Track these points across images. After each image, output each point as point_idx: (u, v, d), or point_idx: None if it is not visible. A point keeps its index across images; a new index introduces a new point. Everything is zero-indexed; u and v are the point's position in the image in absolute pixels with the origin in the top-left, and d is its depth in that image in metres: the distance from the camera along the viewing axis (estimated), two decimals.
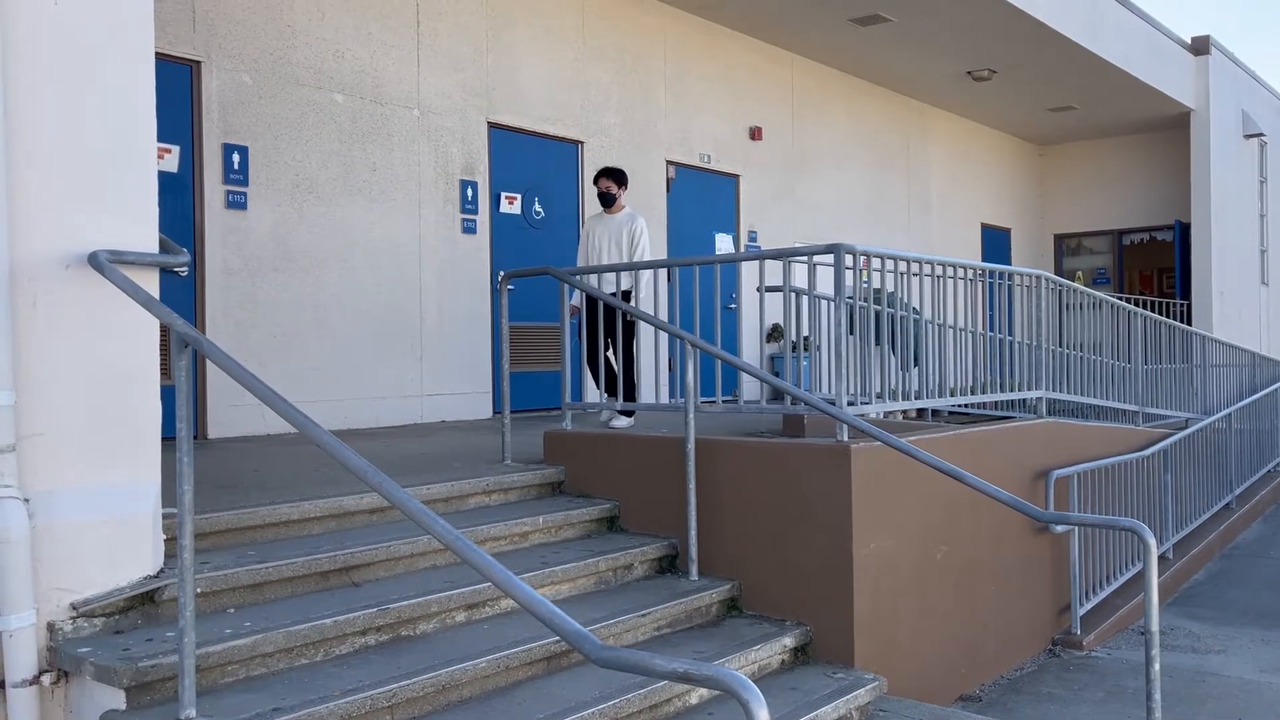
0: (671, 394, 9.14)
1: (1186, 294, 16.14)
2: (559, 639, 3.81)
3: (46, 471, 3.39)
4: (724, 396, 10.67)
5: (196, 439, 7.05)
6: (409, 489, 4.68)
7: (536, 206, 9.56)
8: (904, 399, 5.54)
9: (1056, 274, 17.18)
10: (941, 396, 5.87)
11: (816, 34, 11.91)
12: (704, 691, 4.00)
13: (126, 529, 3.53)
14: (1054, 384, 7.12)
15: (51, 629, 3.34)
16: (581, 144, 10.00)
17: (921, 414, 7.98)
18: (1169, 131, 17.01)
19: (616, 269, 5.84)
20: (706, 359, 9.64)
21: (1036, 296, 6.78)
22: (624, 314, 6.80)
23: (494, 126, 9.16)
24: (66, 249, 3.44)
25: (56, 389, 3.42)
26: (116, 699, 3.14)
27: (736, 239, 11.83)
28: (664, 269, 5.74)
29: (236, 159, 7.36)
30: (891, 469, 4.90)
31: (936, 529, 5.25)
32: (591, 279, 6.87)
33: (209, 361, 5.11)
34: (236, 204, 7.36)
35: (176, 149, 7.13)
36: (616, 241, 7.28)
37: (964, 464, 5.11)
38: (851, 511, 4.64)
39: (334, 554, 4.04)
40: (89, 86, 3.52)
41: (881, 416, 6.62)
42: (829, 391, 5.24)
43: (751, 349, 11.43)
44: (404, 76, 8.45)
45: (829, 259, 5.02)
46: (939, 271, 5.77)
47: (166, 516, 3.70)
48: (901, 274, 5.45)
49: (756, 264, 10.02)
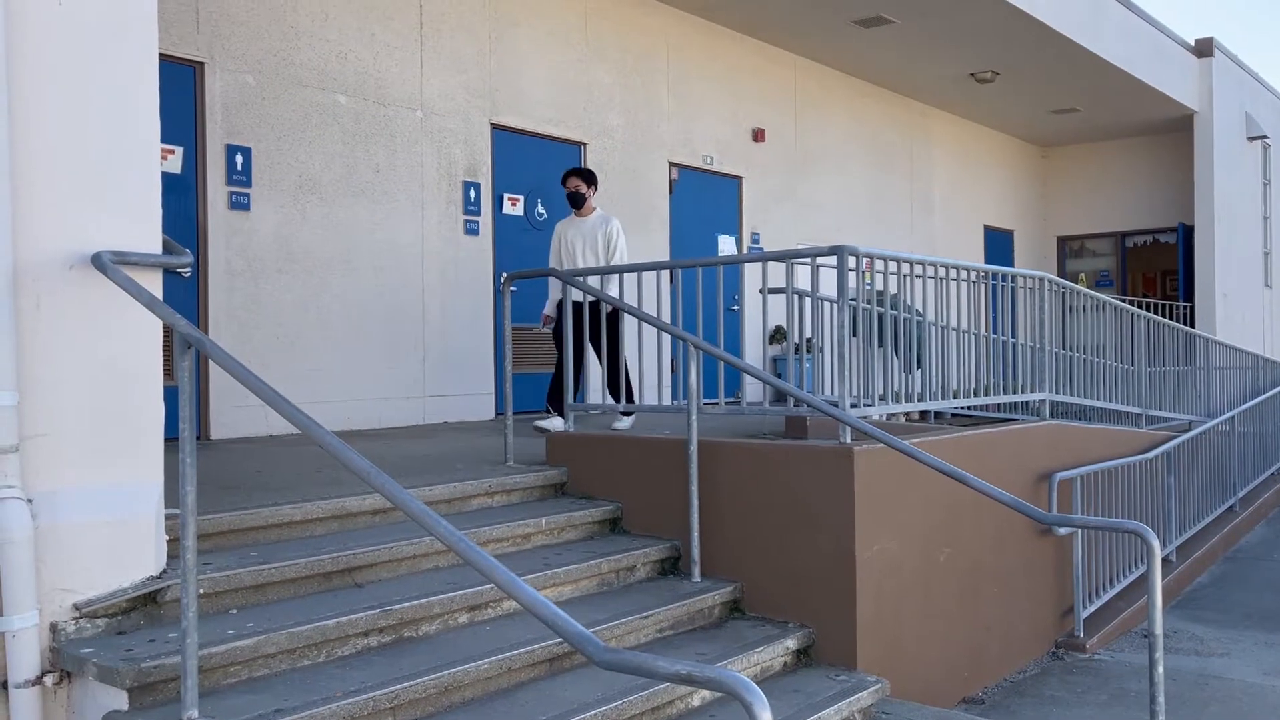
0: (674, 395, 9.14)
1: (1189, 296, 16.12)
2: (561, 640, 3.81)
3: (49, 472, 3.39)
4: (727, 398, 10.67)
5: (199, 440, 7.05)
6: (412, 490, 4.68)
7: (539, 208, 9.56)
8: (906, 401, 5.53)
9: (1059, 276, 17.17)
10: (944, 398, 5.86)
11: (819, 35, 11.91)
12: (706, 693, 4.00)
13: (129, 530, 3.53)
14: (1057, 386, 7.11)
15: (54, 629, 3.34)
16: (584, 145, 10.00)
17: (924, 416, 7.98)
18: (1172, 134, 17.00)
19: (620, 270, 5.83)
20: (709, 361, 9.64)
21: (1039, 298, 6.78)
22: (606, 317, 6.73)
23: (497, 128, 9.16)
24: (70, 249, 3.44)
25: (59, 390, 3.42)
26: (119, 700, 3.14)
27: (739, 240, 11.83)
28: (666, 270, 5.74)
29: (240, 160, 7.36)
30: (894, 471, 4.89)
31: (939, 531, 5.24)
32: (593, 281, 6.88)
33: (212, 362, 5.12)
34: (240, 205, 7.36)
35: (180, 150, 7.13)
36: (592, 245, 7.12)
37: (967, 466, 5.11)
38: (854, 513, 4.63)
39: (337, 555, 4.04)
40: (93, 87, 3.52)
41: (884, 418, 6.62)
42: (831, 393, 5.24)
43: (754, 351, 11.43)
44: (407, 78, 8.45)
45: (832, 261, 5.01)
46: (942, 273, 5.77)
47: (169, 517, 3.70)
48: (904, 276, 5.45)
49: (759, 266, 10.05)
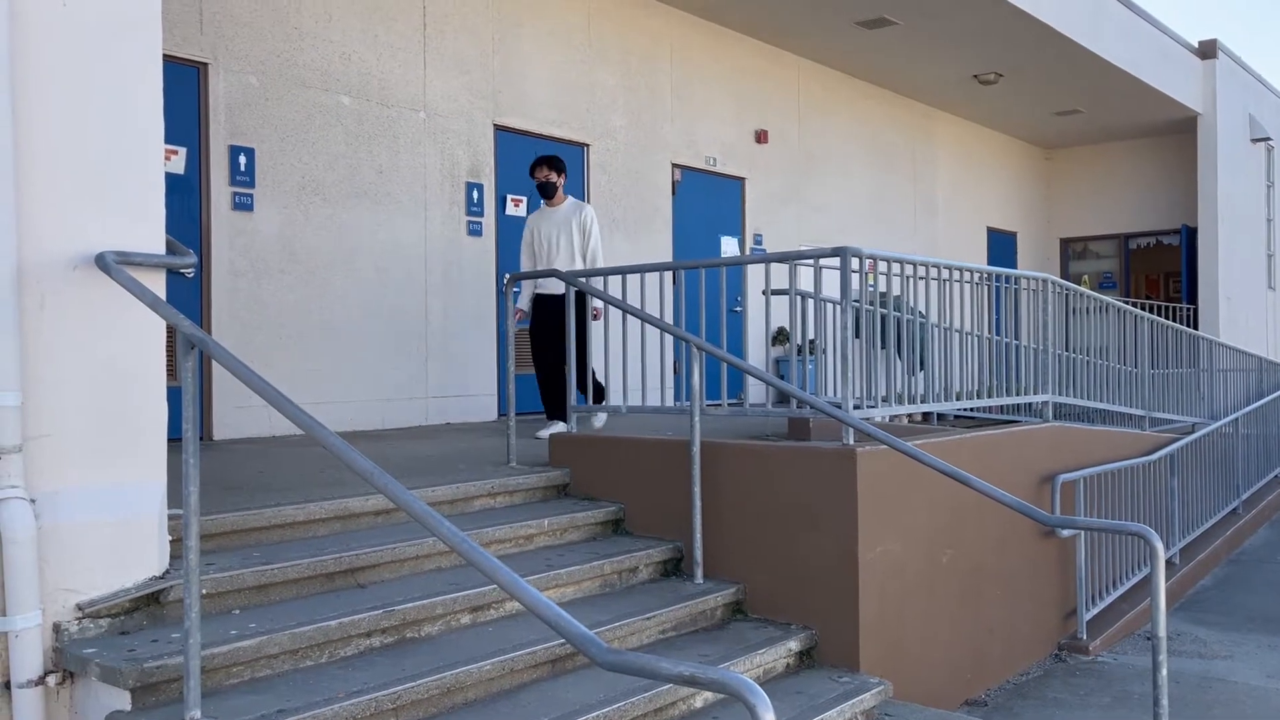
0: (677, 397, 9.13)
1: (1193, 298, 16.10)
2: (564, 641, 3.80)
3: (53, 472, 3.39)
4: (729, 400, 10.67)
5: (202, 440, 7.06)
6: (414, 491, 4.68)
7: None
8: (909, 403, 5.53)
9: (1062, 278, 17.15)
10: (947, 400, 5.85)
11: (822, 37, 11.91)
12: (709, 695, 3.99)
13: (132, 530, 3.53)
14: (1060, 388, 7.11)
15: (57, 630, 3.34)
16: (587, 146, 10.01)
17: (927, 418, 7.97)
18: (1176, 136, 16.98)
19: (624, 271, 5.82)
20: (712, 362, 9.64)
21: (1042, 300, 6.77)
22: (577, 317, 6.61)
23: (500, 129, 9.17)
24: (74, 250, 3.44)
25: (63, 390, 3.42)
26: (122, 700, 3.14)
27: (742, 242, 11.83)
28: (669, 271, 5.74)
29: (243, 161, 7.37)
30: (897, 473, 4.89)
31: (942, 533, 5.23)
32: (596, 281, 6.87)
33: (215, 363, 5.12)
34: (243, 206, 7.37)
35: (183, 150, 7.14)
36: (567, 235, 6.95)
37: (970, 468, 5.10)
38: (857, 515, 4.63)
39: (339, 555, 4.04)
40: (97, 87, 3.52)
41: (887, 420, 6.60)
42: (834, 395, 5.24)
43: (757, 352, 11.42)
44: (410, 79, 8.46)
45: (835, 262, 5.01)
46: (945, 275, 5.76)
47: (172, 517, 3.70)
48: (907, 277, 5.45)
49: (762, 267, 10.05)
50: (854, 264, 4.95)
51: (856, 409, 5.00)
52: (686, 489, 5.11)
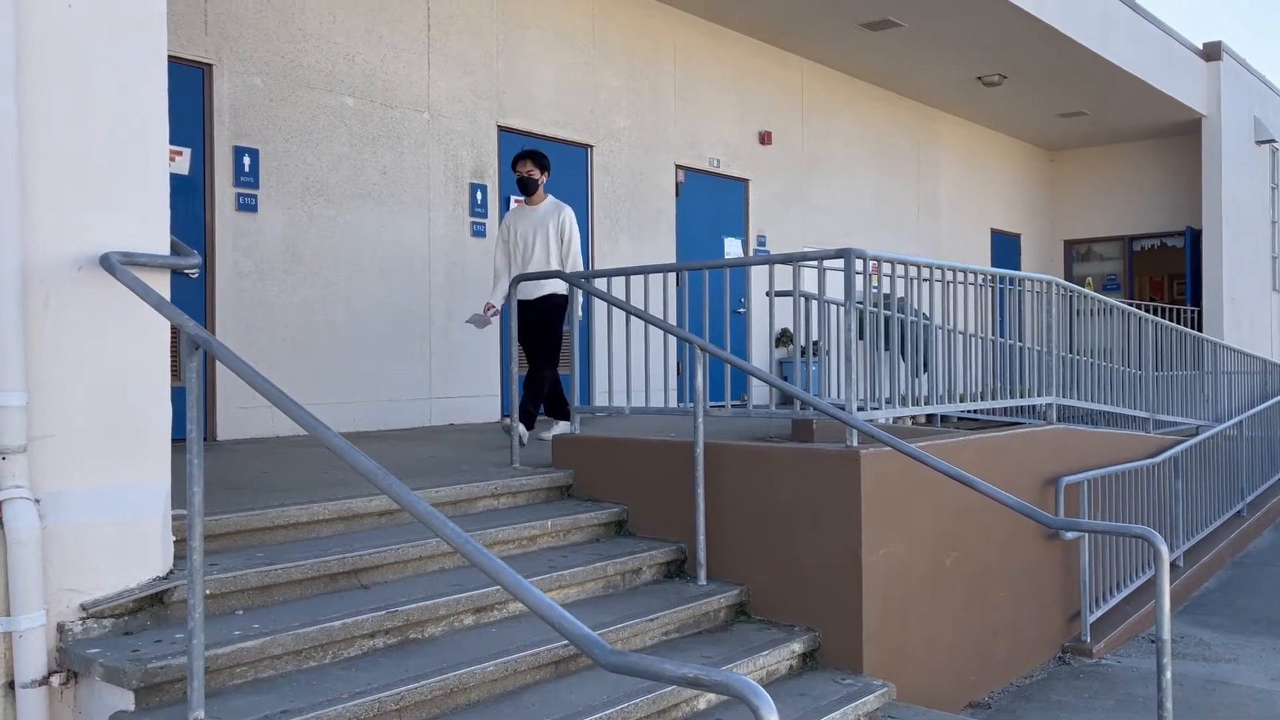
0: (680, 398, 9.13)
1: (1197, 300, 16.08)
2: (567, 643, 3.81)
3: (57, 472, 3.40)
4: (733, 401, 10.66)
5: (206, 441, 7.06)
6: (418, 492, 4.68)
7: None
8: (913, 404, 5.52)
9: (1066, 280, 17.12)
10: (951, 402, 5.85)
11: (826, 39, 11.91)
12: (712, 697, 3.99)
13: (136, 530, 3.53)
14: (1064, 390, 7.10)
15: (61, 630, 3.34)
16: (591, 148, 10.01)
17: (931, 419, 7.96)
18: (1180, 137, 16.95)
19: (627, 272, 5.82)
20: (715, 363, 9.64)
21: (1046, 302, 6.76)
22: (551, 318, 6.47)
23: (504, 130, 9.17)
24: (78, 250, 3.45)
25: (67, 390, 3.43)
26: (125, 700, 3.14)
27: (745, 243, 11.82)
28: (672, 273, 5.73)
29: (247, 161, 7.38)
30: (901, 475, 4.88)
31: (946, 535, 5.23)
32: (599, 282, 6.87)
33: (219, 363, 5.13)
34: (247, 206, 7.38)
35: (188, 151, 7.15)
36: (544, 236, 6.63)
37: (974, 470, 5.09)
38: (861, 517, 4.63)
39: (343, 556, 4.04)
40: (102, 88, 3.53)
41: (891, 422, 6.60)
42: (838, 396, 5.23)
43: (760, 354, 11.42)
44: (414, 80, 8.47)
45: (838, 263, 5.00)
46: (949, 277, 5.76)
47: (176, 518, 3.70)
48: (911, 279, 5.44)
49: (765, 268, 10.05)
50: (858, 265, 4.94)
51: (860, 411, 4.99)
52: (690, 490, 5.10)
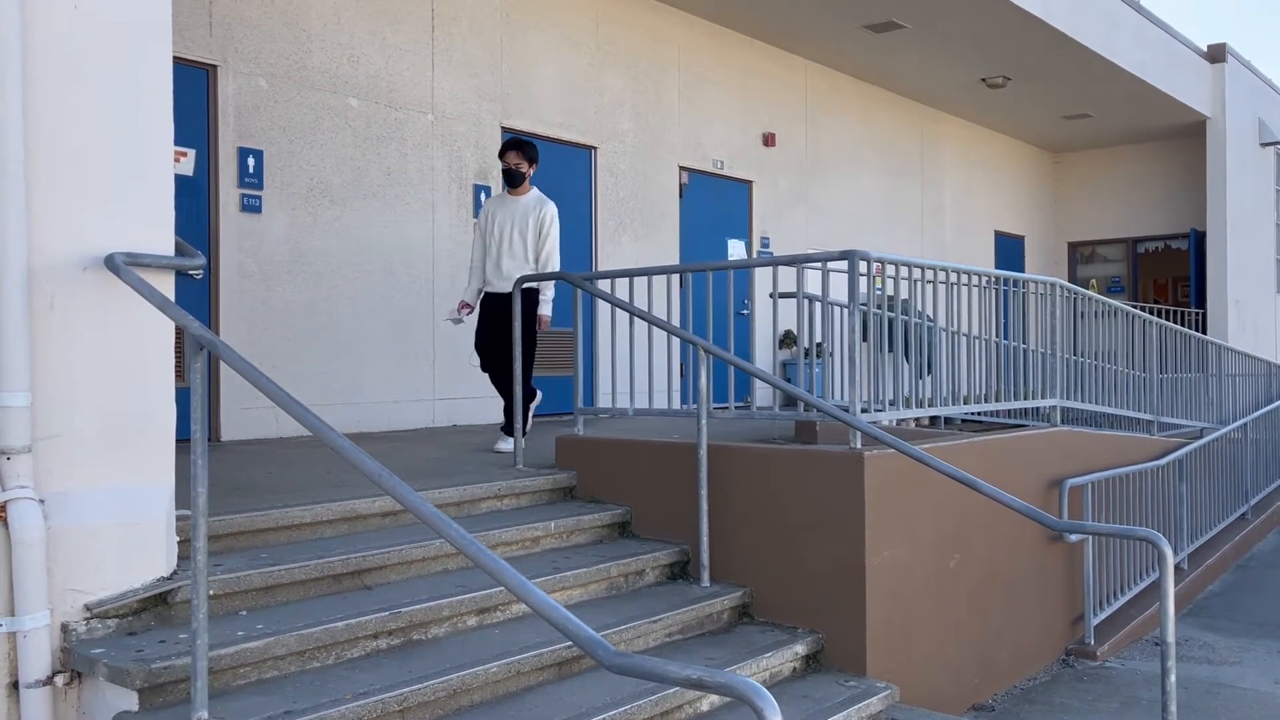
0: (684, 400, 9.12)
1: (1201, 303, 16.05)
2: (570, 644, 3.81)
3: (62, 473, 3.40)
4: (737, 403, 10.65)
5: (210, 441, 7.07)
6: (421, 493, 4.67)
7: None
8: (917, 406, 5.52)
9: (1070, 282, 17.11)
10: (955, 404, 5.84)
11: (831, 40, 11.90)
12: (715, 698, 3.99)
13: (140, 531, 3.54)
14: (1068, 392, 7.09)
15: (65, 630, 3.35)
16: (594, 149, 10.01)
17: (934, 421, 7.96)
18: (1185, 139, 16.93)
19: (631, 273, 5.81)
20: (719, 365, 9.63)
21: (1050, 304, 6.75)
22: (524, 319, 6.21)
23: (508, 131, 9.17)
24: (83, 251, 3.45)
25: (72, 390, 3.43)
26: (129, 700, 3.15)
27: (749, 245, 11.82)
28: (676, 274, 5.73)
29: (252, 163, 7.39)
30: (905, 476, 4.88)
31: (950, 537, 5.22)
32: (602, 283, 6.86)
33: (223, 364, 5.13)
34: (251, 207, 7.38)
35: (192, 152, 7.16)
36: (521, 229, 6.40)
37: (977, 472, 5.09)
38: (864, 519, 4.62)
39: (346, 557, 4.04)
40: (107, 89, 3.53)
41: (894, 424, 6.60)
42: (842, 398, 5.23)
43: (764, 355, 11.41)
44: (418, 81, 8.47)
45: (842, 265, 5.00)
46: (953, 278, 5.75)
47: (180, 518, 3.71)
48: (915, 281, 5.44)
49: (769, 270, 10.04)
50: (861, 267, 4.94)
51: (864, 412, 4.99)
52: (693, 492, 5.10)
